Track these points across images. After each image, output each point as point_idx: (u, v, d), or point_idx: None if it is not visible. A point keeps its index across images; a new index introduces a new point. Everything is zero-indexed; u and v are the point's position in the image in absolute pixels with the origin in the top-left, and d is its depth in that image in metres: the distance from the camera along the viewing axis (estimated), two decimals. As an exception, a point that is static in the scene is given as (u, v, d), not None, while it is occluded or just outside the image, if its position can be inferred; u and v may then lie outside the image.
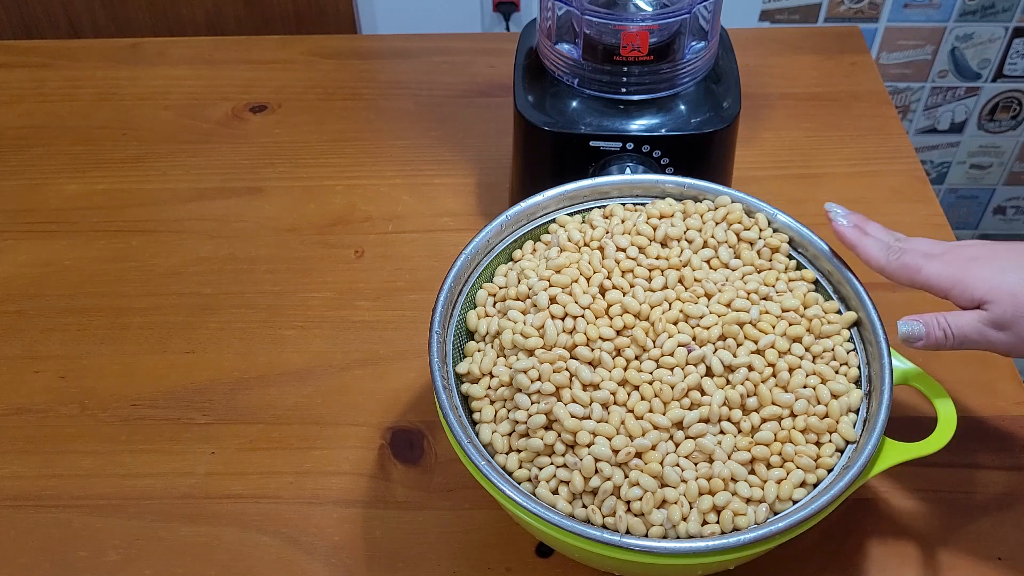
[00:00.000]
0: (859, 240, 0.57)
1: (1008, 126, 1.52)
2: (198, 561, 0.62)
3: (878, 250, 0.56)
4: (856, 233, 0.58)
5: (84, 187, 0.86)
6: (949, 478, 0.65)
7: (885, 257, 0.56)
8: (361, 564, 0.61)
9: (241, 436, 0.68)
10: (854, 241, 0.57)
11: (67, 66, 0.99)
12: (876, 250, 0.56)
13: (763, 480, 0.53)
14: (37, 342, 0.74)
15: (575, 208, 0.64)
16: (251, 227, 0.83)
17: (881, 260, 0.56)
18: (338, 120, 0.93)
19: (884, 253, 0.56)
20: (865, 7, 1.36)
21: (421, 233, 0.82)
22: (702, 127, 0.70)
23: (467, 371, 0.57)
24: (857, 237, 0.58)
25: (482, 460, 0.52)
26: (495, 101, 0.94)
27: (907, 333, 0.54)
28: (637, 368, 0.54)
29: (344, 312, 0.76)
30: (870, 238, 0.57)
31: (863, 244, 0.57)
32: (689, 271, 0.58)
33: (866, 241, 0.57)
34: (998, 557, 0.61)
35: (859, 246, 0.57)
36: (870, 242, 0.57)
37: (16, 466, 0.67)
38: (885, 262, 0.56)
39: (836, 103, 0.93)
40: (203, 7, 1.20)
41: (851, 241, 0.58)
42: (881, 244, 0.57)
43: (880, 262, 0.56)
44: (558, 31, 0.71)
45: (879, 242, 0.57)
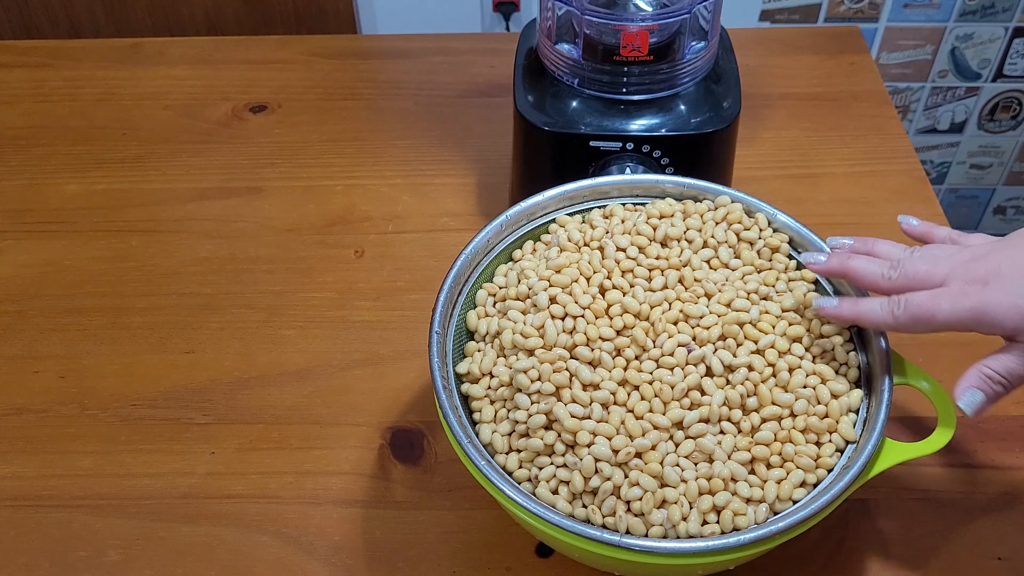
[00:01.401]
0: (856, 313, 0.53)
1: (1008, 126, 1.52)
2: (198, 561, 0.62)
3: (881, 313, 0.52)
4: (849, 307, 0.54)
5: (84, 187, 0.86)
6: (949, 478, 0.65)
7: (891, 316, 0.51)
8: (361, 564, 0.61)
9: (241, 436, 0.68)
10: (852, 317, 0.54)
11: (67, 66, 0.99)
12: (879, 314, 0.52)
13: (763, 480, 0.53)
14: (37, 342, 0.74)
15: (575, 208, 0.64)
16: (251, 227, 0.83)
17: (888, 321, 0.52)
18: (338, 120, 0.93)
19: (888, 312, 0.52)
20: (865, 7, 1.36)
21: (421, 233, 0.82)
22: (702, 127, 0.70)
23: (467, 371, 0.57)
24: (853, 310, 0.53)
25: (482, 460, 0.52)
26: (495, 101, 0.94)
27: (975, 407, 0.50)
28: (637, 368, 0.54)
29: (344, 312, 0.76)
30: (865, 303, 0.53)
31: (863, 314, 0.53)
32: (689, 271, 0.58)
33: (863, 309, 0.53)
34: (998, 557, 0.61)
35: (860, 319, 0.53)
36: (868, 308, 0.53)
37: (16, 466, 0.67)
38: (893, 321, 0.51)
39: (836, 103, 0.93)
40: (203, 7, 1.20)
41: (849, 319, 0.54)
42: (880, 304, 0.52)
43: (888, 324, 0.52)
44: (558, 31, 0.71)
45: (876, 303, 0.52)
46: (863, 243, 0.57)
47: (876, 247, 0.56)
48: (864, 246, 0.56)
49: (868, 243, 0.56)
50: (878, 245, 0.56)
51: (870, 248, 0.56)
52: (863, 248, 0.56)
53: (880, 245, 0.56)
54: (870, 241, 0.56)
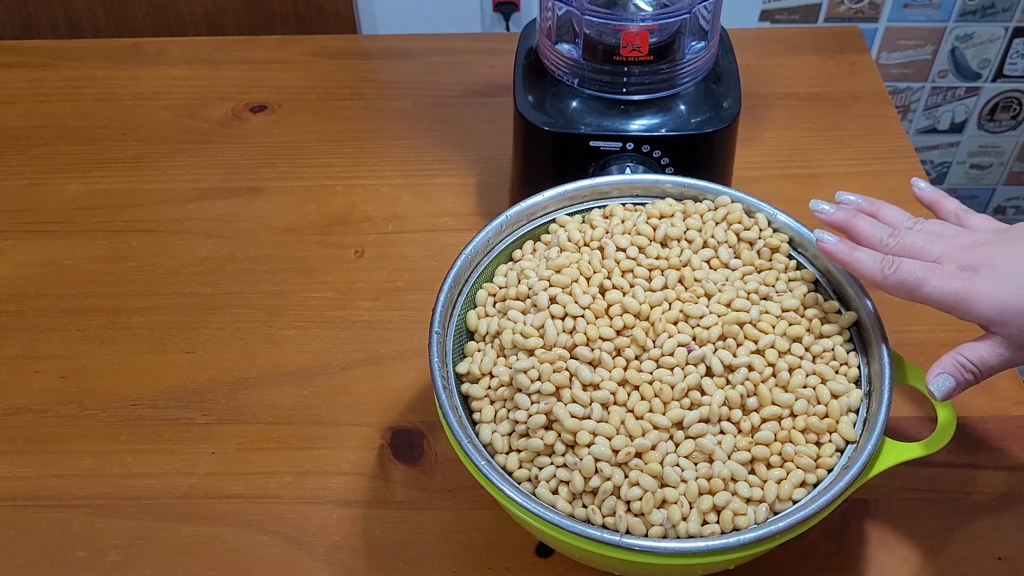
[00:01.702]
0: (849, 256, 0.54)
1: (1008, 126, 1.52)
2: (198, 561, 0.62)
3: (872, 265, 0.53)
4: (845, 249, 0.55)
5: (84, 187, 0.86)
6: (949, 478, 0.65)
7: (881, 273, 0.53)
8: (361, 564, 0.61)
9: (241, 436, 0.68)
10: (844, 259, 0.55)
11: (67, 66, 0.99)
12: (870, 265, 0.53)
13: (763, 480, 0.53)
14: (37, 342, 0.74)
15: (575, 208, 0.64)
16: (251, 227, 0.83)
17: (876, 276, 0.53)
18: (338, 120, 0.93)
19: (879, 267, 0.53)
20: (865, 7, 1.36)
21: (421, 233, 0.82)
22: (702, 127, 0.70)
23: (467, 371, 0.57)
24: (847, 254, 0.54)
25: (482, 460, 0.52)
26: (495, 101, 0.94)
27: (944, 392, 0.51)
28: (637, 368, 0.54)
29: (344, 312, 0.76)
30: (861, 251, 0.54)
31: (854, 260, 0.54)
32: (689, 271, 0.58)
33: (857, 256, 0.54)
34: (998, 557, 0.61)
35: (849, 263, 0.54)
36: (862, 256, 0.54)
37: (16, 466, 0.67)
38: (881, 278, 0.53)
39: (836, 103, 0.93)
40: (203, 7, 1.20)
41: (841, 259, 0.55)
42: (874, 258, 0.54)
43: (875, 278, 0.53)
44: (558, 31, 0.71)
45: (871, 256, 0.54)
46: (870, 204, 0.58)
47: (881, 211, 0.57)
48: (871, 207, 0.57)
49: (875, 205, 0.57)
50: (883, 209, 0.57)
51: (876, 210, 0.57)
52: (869, 208, 0.57)
53: (885, 209, 0.57)
54: (876, 203, 0.58)
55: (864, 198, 0.58)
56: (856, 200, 0.58)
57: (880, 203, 0.58)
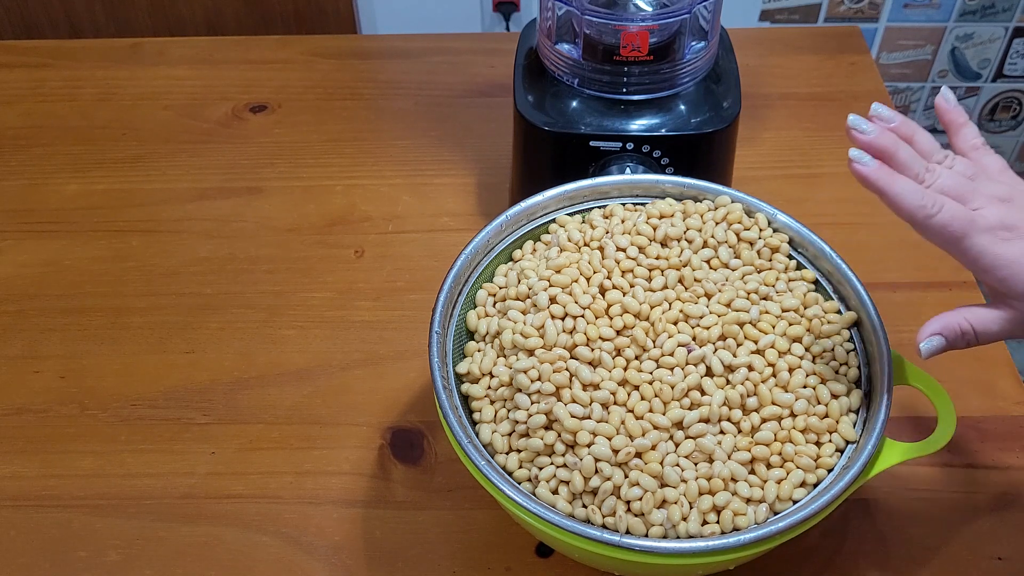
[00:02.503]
0: (890, 185, 0.47)
1: (1008, 126, 1.52)
2: (198, 561, 0.62)
3: (914, 200, 0.47)
4: (885, 176, 0.47)
5: (84, 187, 0.86)
6: (949, 478, 0.65)
7: (923, 211, 0.47)
8: (361, 564, 0.61)
9: (241, 436, 0.68)
10: (883, 187, 0.47)
11: (67, 66, 0.99)
12: (912, 199, 0.47)
13: (763, 480, 0.53)
14: (37, 342, 0.74)
15: (575, 208, 0.64)
16: (251, 227, 0.83)
17: (918, 215, 0.47)
18: (338, 120, 0.93)
19: (921, 204, 0.47)
20: (865, 7, 1.36)
21: (421, 233, 0.82)
22: (702, 127, 0.70)
23: (467, 371, 0.57)
24: (887, 182, 0.47)
25: (482, 460, 0.52)
26: (495, 101, 0.94)
27: (931, 351, 0.49)
28: (637, 368, 0.54)
29: (344, 312, 0.76)
30: (902, 181, 0.47)
31: (895, 192, 0.47)
32: (689, 271, 0.58)
33: (899, 188, 0.47)
34: (998, 557, 0.61)
35: (889, 193, 0.47)
36: (904, 188, 0.47)
37: (16, 466, 0.67)
38: (923, 217, 0.47)
39: (836, 103, 0.93)
40: (203, 7, 1.20)
41: (879, 187, 0.47)
42: (916, 192, 0.47)
43: (916, 216, 0.47)
44: (558, 31, 0.71)
45: (914, 189, 0.47)
46: (906, 127, 0.51)
47: (917, 135, 0.51)
48: (908, 130, 0.51)
49: (911, 128, 0.52)
50: (919, 134, 0.52)
51: (912, 134, 0.51)
52: (906, 132, 0.51)
53: (920, 135, 0.52)
54: (912, 126, 0.52)
55: (902, 119, 0.51)
56: (894, 119, 0.51)
57: (915, 126, 0.52)
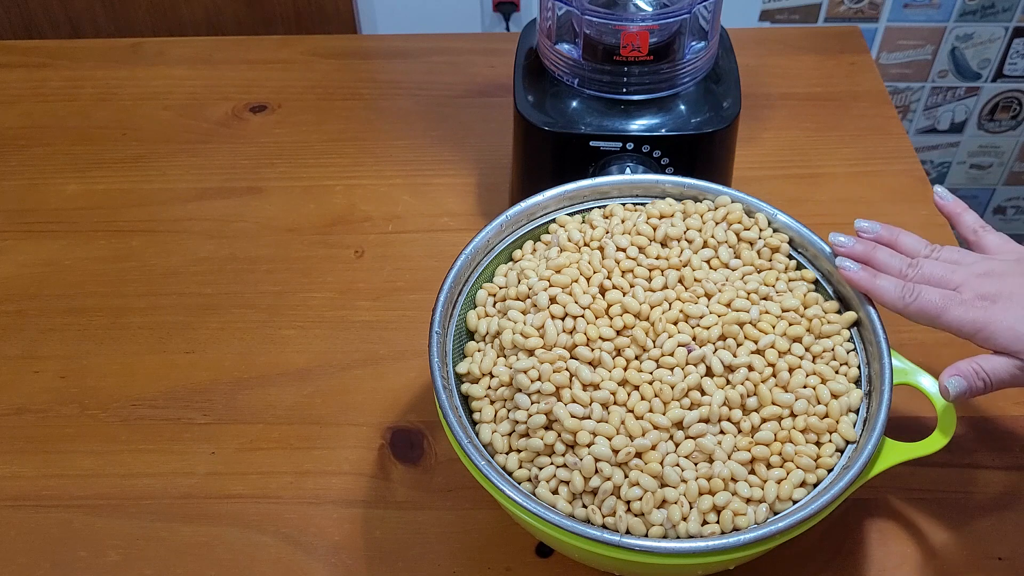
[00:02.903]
0: (871, 284, 0.56)
1: (1008, 126, 1.52)
2: (198, 561, 0.62)
3: (893, 292, 0.55)
4: (867, 277, 0.57)
5: (84, 187, 0.86)
6: (949, 478, 0.65)
7: (902, 300, 0.55)
8: (361, 564, 0.61)
9: (241, 436, 0.68)
10: (866, 286, 0.57)
11: (67, 66, 0.99)
12: (891, 293, 0.55)
13: (763, 480, 0.53)
14: (37, 342, 0.74)
15: (575, 208, 0.64)
16: (251, 227, 0.83)
17: (898, 304, 0.55)
18: (338, 120, 0.93)
19: (900, 295, 0.55)
20: (865, 7, 1.36)
21: (421, 233, 0.82)
22: (702, 127, 0.70)
23: (467, 371, 0.57)
24: (869, 281, 0.56)
25: (482, 460, 0.52)
26: (495, 101, 0.94)
27: (957, 392, 0.53)
28: (637, 368, 0.54)
29: (344, 312, 0.76)
30: (882, 279, 0.56)
31: (876, 288, 0.56)
32: (689, 271, 0.58)
33: (879, 283, 0.56)
34: (998, 557, 0.61)
35: (872, 291, 0.56)
36: (883, 284, 0.56)
37: (16, 466, 0.67)
38: (902, 306, 0.55)
39: (836, 103, 0.93)
40: (203, 7, 1.20)
41: (863, 287, 0.57)
42: (895, 286, 0.56)
43: (896, 306, 0.55)
44: (558, 31, 0.71)
45: (893, 283, 0.56)
46: (888, 232, 0.59)
47: (900, 239, 0.59)
48: (889, 235, 0.59)
49: (893, 232, 0.59)
50: (902, 237, 0.59)
51: (895, 239, 0.59)
52: (888, 237, 0.59)
53: (904, 237, 0.59)
54: (895, 231, 0.59)
55: (883, 226, 0.60)
56: (876, 229, 0.59)
57: (898, 231, 0.59)
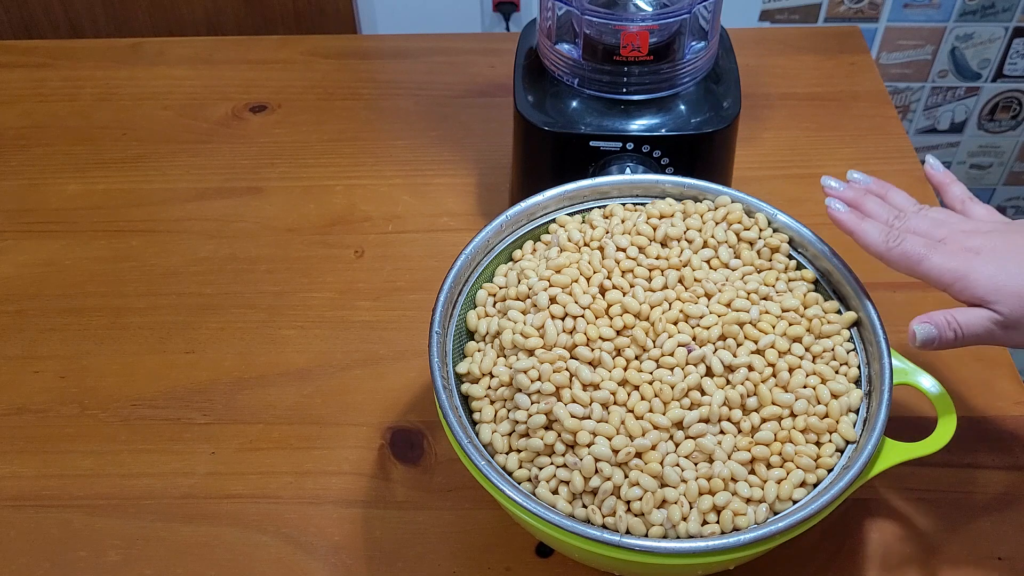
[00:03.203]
0: (856, 225, 0.56)
1: (1008, 126, 1.52)
2: (198, 561, 0.62)
3: (877, 235, 0.55)
4: (853, 218, 0.56)
5: (84, 187, 0.86)
6: (949, 478, 0.65)
7: (885, 244, 0.54)
8: (361, 564, 0.61)
9: (241, 436, 0.68)
10: (851, 227, 0.56)
11: (67, 66, 0.99)
12: (875, 236, 0.55)
13: (763, 480, 0.53)
14: (37, 342, 0.74)
15: (575, 208, 0.64)
16: (251, 227, 0.83)
17: (880, 247, 0.55)
18: (338, 120, 0.93)
19: (883, 239, 0.54)
20: (865, 7, 1.36)
21: (421, 233, 0.82)
22: (702, 127, 0.70)
23: (467, 371, 0.57)
24: (855, 223, 0.56)
25: (482, 460, 0.52)
26: (495, 101, 0.94)
27: (924, 338, 0.53)
28: (637, 368, 0.54)
29: (344, 312, 0.76)
30: (868, 222, 0.56)
31: (860, 230, 0.55)
32: (689, 271, 0.58)
33: (864, 226, 0.55)
34: (998, 557, 0.61)
35: (856, 232, 0.56)
36: (868, 227, 0.55)
37: (16, 466, 0.67)
38: (885, 249, 0.54)
39: (836, 103, 0.93)
40: (203, 7, 1.20)
41: (848, 227, 0.56)
42: (880, 229, 0.55)
43: (879, 249, 0.55)
44: (558, 31, 0.71)
45: (878, 227, 0.55)
46: (879, 186, 0.59)
47: (890, 194, 0.59)
48: (880, 189, 0.59)
49: (884, 187, 0.59)
50: (892, 192, 0.59)
51: (885, 192, 0.59)
52: (878, 190, 0.59)
53: (893, 193, 0.59)
54: (886, 186, 0.59)
55: (875, 180, 0.60)
56: (866, 181, 0.60)
57: (889, 186, 0.59)
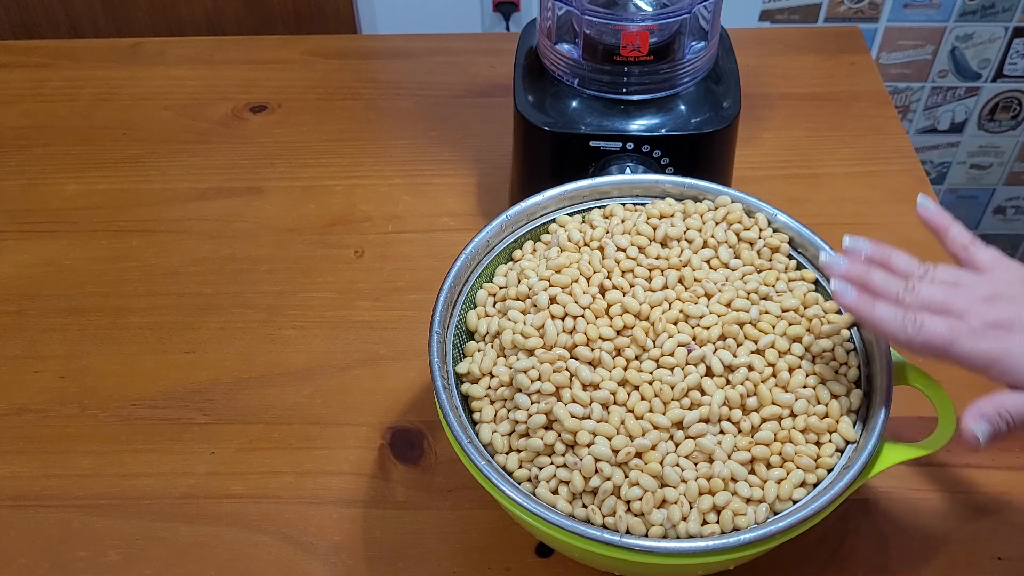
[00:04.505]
0: (870, 314, 0.51)
1: (1008, 126, 1.52)
2: (198, 561, 0.62)
3: (894, 322, 0.50)
4: (865, 305, 0.51)
5: (84, 187, 0.86)
6: (949, 478, 0.65)
7: (904, 332, 0.50)
8: (361, 564, 0.61)
9: (241, 436, 0.68)
10: (866, 316, 0.51)
11: (67, 66, 0.99)
12: (892, 323, 0.50)
13: (763, 480, 0.53)
14: (37, 342, 0.74)
15: (575, 208, 0.64)
16: (251, 227, 0.83)
17: (901, 337, 0.50)
18: (338, 120, 0.93)
19: (902, 325, 0.50)
20: (865, 7, 1.36)
21: (421, 233, 0.82)
22: (702, 127, 0.70)
23: (467, 371, 0.57)
24: (868, 310, 0.51)
25: (482, 460, 0.52)
26: (495, 101, 0.94)
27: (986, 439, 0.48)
28: (637, 368, 0.54)
29: (344, 312, 0.76)
30: (881, 306, 0.51)
31: (876, 318, 0.51)
32: (689, 271, 0.58)
33: (878, 313, 0.51)
34: (998, 557, 0.61)
35: (871, 321, 0.51)
36: (882, 312, 0.51)
37: (16, 466, 0.67)
38: (906, 339, 0.50)
39: (836, 103, 0.93)
40: (203, 7, 1.20)
41: (862, 317, 0.52)
42: (895, 314, 0.50)
43: (900, 339, 0.50)
44: (558, 31, 0.71)
45: (892, 311, 0.51)
46: (880, 251, 0.55)
47: (892, 259, 0.54)
48: (881, 254, 0.54)
49: (885, 252, 0.54)
50: (894, 257, 0.54)
51: (887, 258, 0.54)
52: (880, 257, 0.54)
53: (896, 257, 0.54)
54: (887, 250, 0.55)
55: (874, 245, 0.55)
56: (866, 247, 0.55)
57: (890, 250, 0.55)
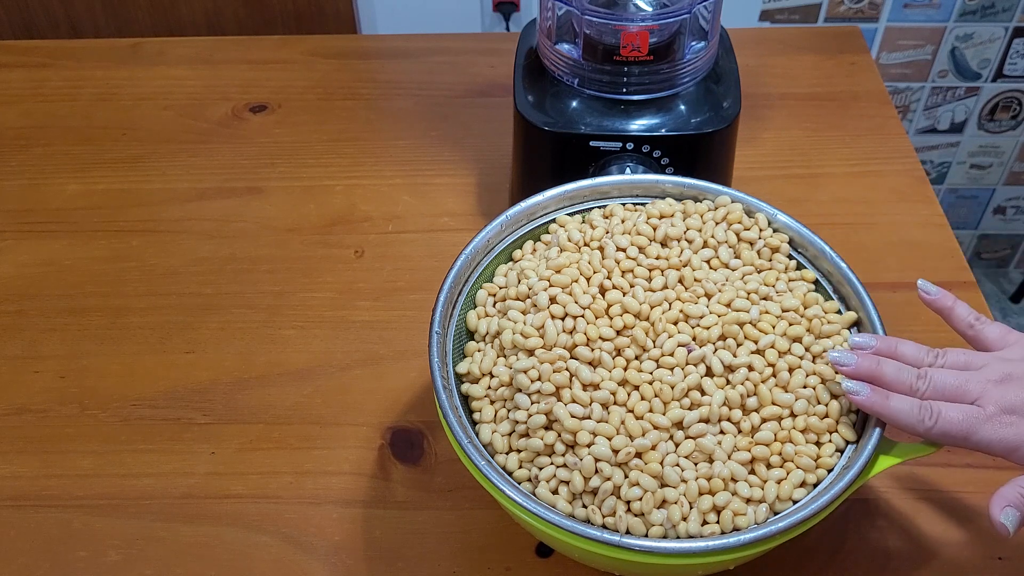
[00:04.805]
0: (885, 408, 0.51)
1: (1008, 126, 1.52)
2: (198, 561, 0.62)
3: (910, 415, 0.51)
4: (879, 400, 0.51)
5: (84, 187, 0.86)
6: (949, 478, 0.65)
7: (922, 424, 0.51)
8: (361, 564, 0.61)
9: (241, 436, 0.68)
10: (880, 411, 0.52)
11: (67, 66, 0.99)
12: (908, 416, 0.51)
13: (763, 480, 0.53)
14: (37, 342, 0.74)
15: (575, 208, 0.64)
16: (251, 227, 0.83)
17: (918, 429, 0.51)
18: (338, 120, 0.93)
19: (919, 418, 0.51)
20: (865, 7, 1.36)
21: (421, 233, 0.82)
22: (702, 127, 0.70)
23: (467, 371, 0.57)
24: (882, 405, 0.51)
25: (482, 460, 0.52)
26: (495, 101, 0.94)
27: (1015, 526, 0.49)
28: (637, 368, 0.54)
29: (344, 312, 0.76)
30: (895, 399, 0.51)
31: (891, 412, 0.51)
32: (689, 271, 0.58)
33: (893, 407, 0.51)
34: (998, 557, 0.61)
35: (887, 416, 0.51)
36: (897, 405, 0.51)
37: (16, 466, 0.67)
38: (924, 431, 0.51)
39: (836, 103, 0.93)
40: (203, 7, 1.20)
41: (877, 412, 0.52)
42: (910, 407, 0.51)
43: (917, 431, 0.51)
44: (558, 31, 0.71)
45: (907, 403, 0.51)
46: (886, 344, 0.54)
47: (899, 349, 0.54)
48: (888, 347, 0.54)
49: (891, 344, 0.55)
50: (901, 347, 0.54)
51: (893, 350, 0.54)
52: (886, 349, 0.54)
53: (903, 347, 0.54)
54: (893, 342, 0.55)
55: (879, 339, 0.55)
56: (871, 343, 0.54)
57: (896, 341, 0.55)
